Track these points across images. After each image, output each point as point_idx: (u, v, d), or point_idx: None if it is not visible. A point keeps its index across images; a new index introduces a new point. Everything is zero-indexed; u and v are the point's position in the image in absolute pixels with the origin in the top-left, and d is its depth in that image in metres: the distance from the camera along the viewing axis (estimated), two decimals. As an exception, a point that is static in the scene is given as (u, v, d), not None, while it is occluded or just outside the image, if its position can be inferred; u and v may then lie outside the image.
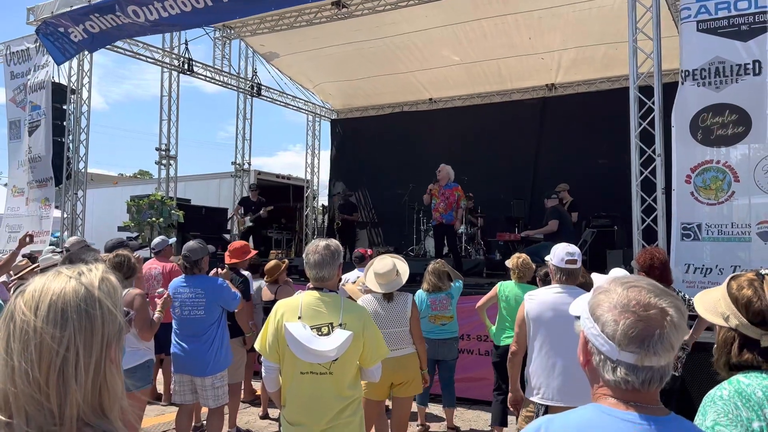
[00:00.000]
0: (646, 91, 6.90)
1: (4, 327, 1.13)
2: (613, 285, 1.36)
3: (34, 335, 1.10)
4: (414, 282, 8.41)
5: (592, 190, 11.39)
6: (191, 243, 4.85)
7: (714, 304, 1.76)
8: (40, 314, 1.11)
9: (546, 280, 6.16)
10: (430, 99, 14.60)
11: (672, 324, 1.28)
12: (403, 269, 4.56)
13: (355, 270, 6.93)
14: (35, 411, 1.09)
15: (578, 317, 1.43)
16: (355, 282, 6.16)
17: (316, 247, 3.13)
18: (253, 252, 6.58)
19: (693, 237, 6.49)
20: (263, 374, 3.20)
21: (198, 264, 4.79)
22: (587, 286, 3.93)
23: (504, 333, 5.89)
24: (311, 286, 3.16)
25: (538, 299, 3.79)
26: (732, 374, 1.68)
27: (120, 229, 12.33)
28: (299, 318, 3.03)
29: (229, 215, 13.89)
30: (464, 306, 6.72)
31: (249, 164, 14.54)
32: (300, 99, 15.42)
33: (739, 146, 6.29)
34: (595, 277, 3.84)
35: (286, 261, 6.44)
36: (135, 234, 11.44)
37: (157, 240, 7.02)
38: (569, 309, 1.56)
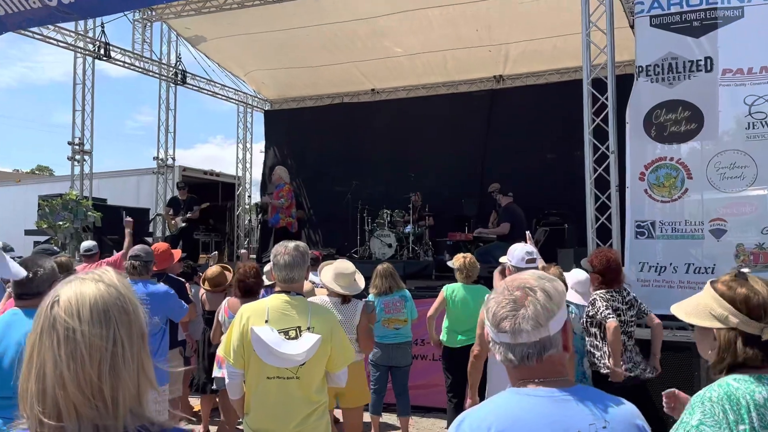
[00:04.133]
0: (599, 85, 7.35)
1: (47, 338, 1.29)
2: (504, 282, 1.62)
3: (83, 339, 1.28)
4: (365, 286, 8.71)
5: (541, 186, 11.91)
6: (139, 246, 5.01)
7: (705, 309, 1.96)
8: (84, 318, 1.29)
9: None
10: (373, 89, 14.87)
11: (536, 301, 1.50)
12: (359, 276, 4.87)
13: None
14: (87, 409, 1.27)
15: None
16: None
17: (285, 248, 3.32)
18: (177, 252, 6.69)
19: (647, 235, 6.99)
20: (226, 381, 3.36)
21: (147, 267, 4.88)
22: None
23: (455, 336, 6.22)
24: (278, 288, 3.35)
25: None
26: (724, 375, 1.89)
27: (28, 232, 12.04)
28: (266, 322, 3.21)
29: (150, 216, 13.73)
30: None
31: (173, 159, 14.42)
32: (230, 88, 15.39)
33: (691, 143, 6.83)
34: (577, 272, 4.18)
35: (231, 269, 6.55)
36: (46, 238, 11.21)
37: (89, 243, 7.26)
38: None
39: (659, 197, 6.96)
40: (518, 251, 4.14)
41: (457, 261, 6.35)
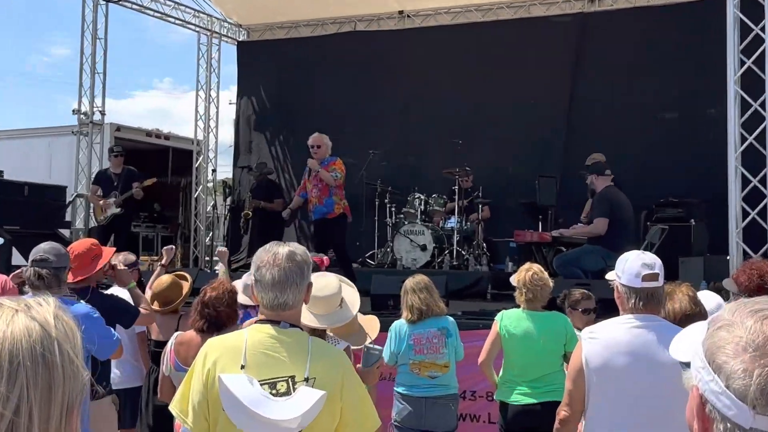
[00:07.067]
0: (751, 8, 7.16)
1: None
2: (739, 315, 1.43)
3: None
4: (384, 308, 8.63)
5: (655, 161, 11.74)
6: (46, 244, 4.94)
7: None
8: None
9: (575, 306, 6.42)
10: (401, 12, 14.73)
11: None
12: (351, 297, 4.66)
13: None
14: None
15: (686, 364, 1.50)
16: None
17: (273, 256, 3.20)
18: (109, 252, 6.58)
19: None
20: (181, 455, 3.27)
21: (60, 276, 4.84)
22: (698, 315, 4.10)
23: (515, 388, 6.09)
24: (263, 316, 3.24)
25: (604, 338, 3.94)
26: None
27: None
28: (242, 367, 3.10)
29: (68, 197, 13.72)
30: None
31: (102, 114, 14.38)
32: (187, 8, 15.33)
33: None
34: (706, 297, 4.03)
35: (189, 277, 6.47)
36: None
37: None
38: (670, 351, 1.63)
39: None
40: (631, 262, 3.98)
41: (518, 275, 6.21)
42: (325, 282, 4.48)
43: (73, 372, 1.28)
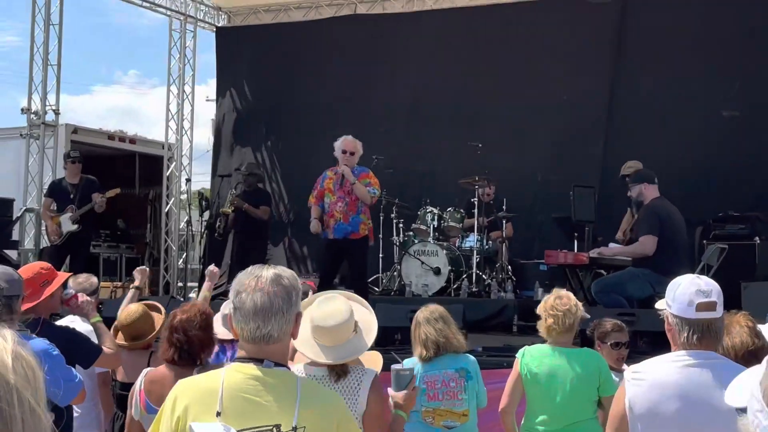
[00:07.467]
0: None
1: None
2: None
3: None
4: (390, 343, 8.59)
5: (710, 167, 11.73)
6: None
7: None
8: None
9: (603, 339, 6.38)
10: (409, -9, 14.79)
11: None
12: (367, 320, 4.61)
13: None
14: None
15: (743, 410, 1.54)
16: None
17: (256, 279, 3.18)
18: (61, 277, 6.57)
19: None
20: None
21: (13, 305, 4.84)
22: (762, 351, 4.08)
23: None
24: (243, 353, 3.23)
25: (651, 379, 3.92)
26: None
27: None
28: (218, 415, 3.08)
29: (16, 212, 13.71)
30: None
31: (57, 113, 14.39)
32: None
33: None
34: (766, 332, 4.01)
35: (162, 308, 6.48)
36: None
37: None
38: (726, 396, 1.67)
39: None
40: (683, 288, 3.94)
41: (542, 305, 6.15)
42: (332, 308, 4.39)
43: (35, 424, 1.26)
